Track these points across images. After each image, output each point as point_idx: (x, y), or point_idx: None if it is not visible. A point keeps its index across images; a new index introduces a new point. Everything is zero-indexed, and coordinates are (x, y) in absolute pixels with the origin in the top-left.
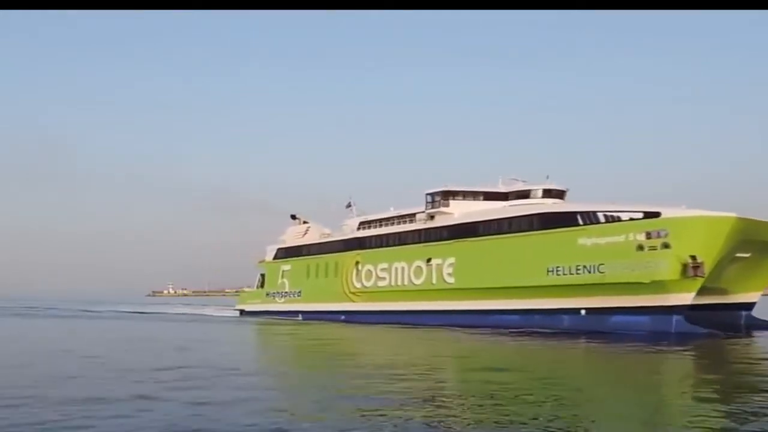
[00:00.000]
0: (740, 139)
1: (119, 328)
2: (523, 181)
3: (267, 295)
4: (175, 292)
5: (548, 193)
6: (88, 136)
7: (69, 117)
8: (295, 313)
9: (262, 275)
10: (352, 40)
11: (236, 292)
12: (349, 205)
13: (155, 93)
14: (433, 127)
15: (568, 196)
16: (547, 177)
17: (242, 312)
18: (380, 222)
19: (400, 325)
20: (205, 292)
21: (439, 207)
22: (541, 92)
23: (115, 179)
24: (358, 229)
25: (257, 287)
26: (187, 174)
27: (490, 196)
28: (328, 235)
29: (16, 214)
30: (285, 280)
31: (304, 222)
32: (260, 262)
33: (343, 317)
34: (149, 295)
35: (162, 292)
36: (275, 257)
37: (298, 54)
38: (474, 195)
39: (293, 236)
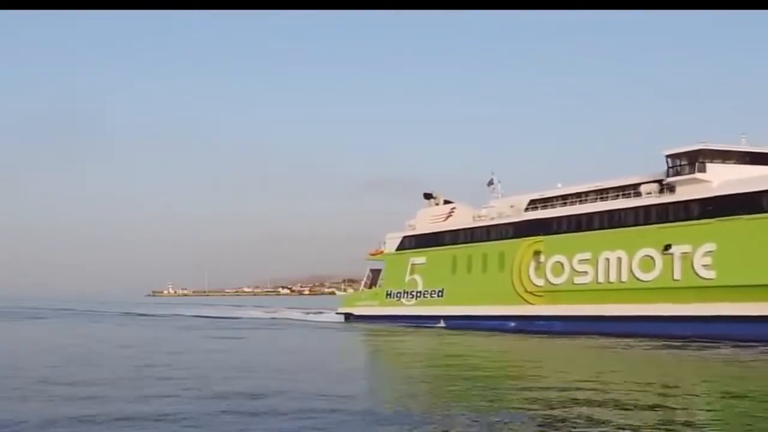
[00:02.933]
0: None
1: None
2: None
3: (387, 295)
4: (175, 292)
5: None
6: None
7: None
8: (433, 318)
9: (373, 271)
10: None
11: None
12: (491, 183)
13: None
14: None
15: None
16: None
17: (349, 316)
18: (566, 199)
19: (611, 336)
20: (205, 292)
21: (687, 173)
22: None
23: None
24: (528, 208)
25: (365, 286)
26: None
27: (760, 159)
28: (483, 218)
29: (28, 213)
30: (416, 276)
31: (446, 202)
32: (372, 254)
33: (512, 324)
34: (149, 295)
35: (162, 292)
36: (400, 248)
37: None
38: (740, 157)
39: (428, 220)
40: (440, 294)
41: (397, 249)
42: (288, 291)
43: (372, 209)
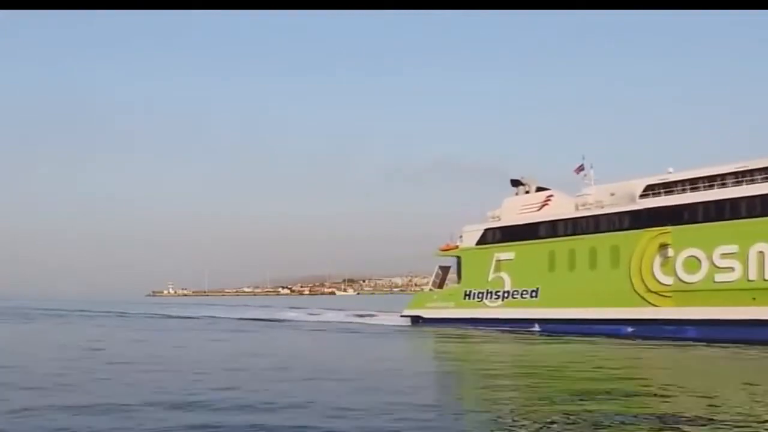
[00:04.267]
0: None
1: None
2: None
3: (466, 296)
4: (175, 292)
5: None
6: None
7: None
8: (525, 322)
9: (442, 268)
10: None
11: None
12: (581, 168)
13: None
14: None
15: None
16: None
17: (418, 320)
18: (697, 183)
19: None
20: (204, 292)
21: None
22: None
23: None
24: (643, 195)
25: (433, 285)
26: None
27: None
28: (589, 206)
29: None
30: (503, 274)
31: (539, 189)
32: (444, 249)
33: (629, 329)
34: (149, 295)
35: (162, 292)
36: (481, 242)
37: None
38: None
39: (517, 210)
40: (534, 294)
41: (478, 243)
42: (288, 291)
43: (393, 208)
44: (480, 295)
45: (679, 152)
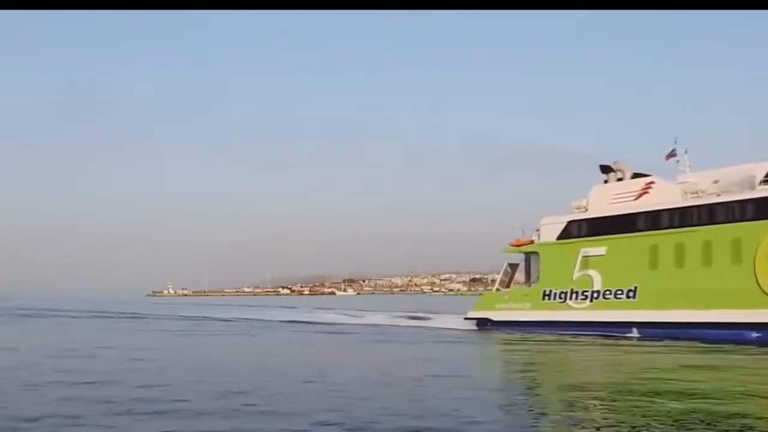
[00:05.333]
0: None
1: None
2: None
3: (545, 296)
4: (176, 292)
5: None
6: None
7: None
8: (619, 325)
9: (511, 266)
10: None
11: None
12: (672, 154)
13: None
14: None
15: None
16: None
17: (485, 323)
18: None
19: None
20: (204, 292)
21: None
22: None
23: None
24: (765, 182)
25: (501, 285)
26: None
27: None
28: (699, 194)
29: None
30: (592, 271)
31: (636, 175)
32: (515, 245)
33: (754, 334)
34: (149, 295)
35: (162, 292)
36: (564, 235)
37: None
38: None
39: (609, 199)
40: (631, 294)
41: (560, 237)
42: (288, 291)
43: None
44: (563, 296)
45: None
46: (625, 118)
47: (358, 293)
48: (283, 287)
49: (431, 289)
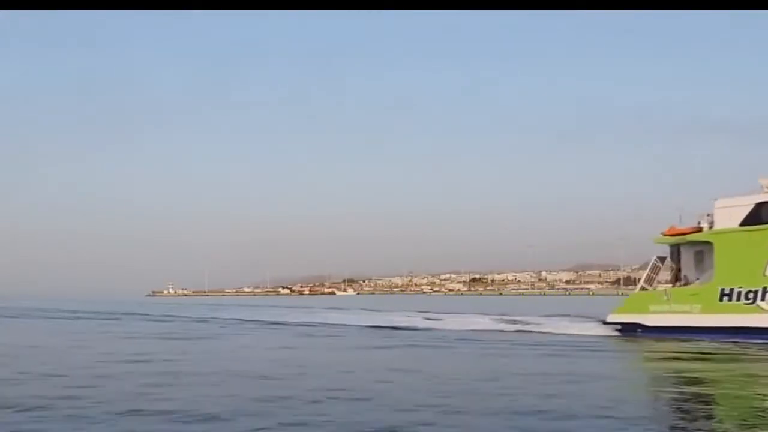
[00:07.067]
0: None
1: None
2: None
3: (723, 296)
4: (176, 292)
5: None
6: None
7: None
8: None
9: (659, 258)
10: None
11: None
12: None
13: None
14: None
15: None
16: None
17: (634, 328)
18: None
19: None
20: (204, 292)
21: None
22: None
23: None
24: None
25: (646, 282)
26: None
27: None
28: None
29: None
30: None
31: None
32: (673, 234)
33: None
34: (149, 295)
35: (162, 292)
36: (749, 221)
37: None
38: None
39: None
40: None
41: (743, 223)
42: (288, 291)
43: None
44: (750, 296)
45: None
46: None
47: (358, 293)
48: (283, 287)
49: (431, 289)
